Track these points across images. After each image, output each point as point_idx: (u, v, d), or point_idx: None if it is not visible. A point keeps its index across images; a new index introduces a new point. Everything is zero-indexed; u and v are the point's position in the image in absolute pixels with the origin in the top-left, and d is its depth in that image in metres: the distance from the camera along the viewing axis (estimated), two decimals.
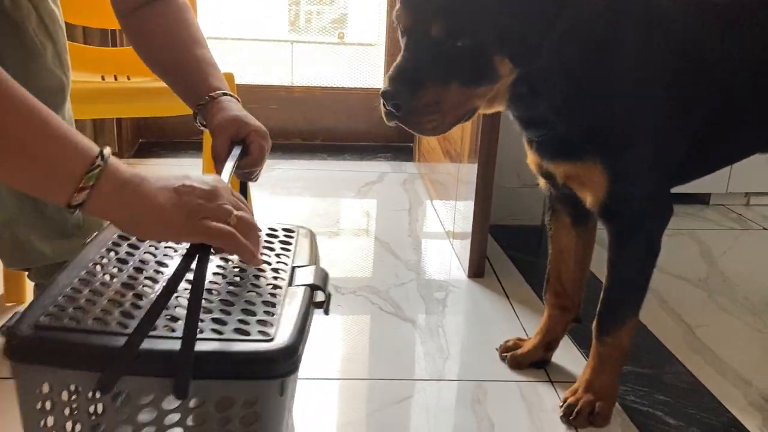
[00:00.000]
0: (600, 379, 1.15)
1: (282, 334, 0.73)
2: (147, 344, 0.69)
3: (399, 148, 2.80)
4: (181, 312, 0.73)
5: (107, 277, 0.80)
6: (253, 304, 0.78)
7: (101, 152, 0.68)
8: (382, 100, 0.93)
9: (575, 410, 1.13)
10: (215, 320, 0.74)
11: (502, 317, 1.48)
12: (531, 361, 1.28)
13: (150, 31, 1.11)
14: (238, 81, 1.77)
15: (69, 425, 0.73)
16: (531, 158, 1.15)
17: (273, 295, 0.81)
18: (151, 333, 0.70)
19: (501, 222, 1.98)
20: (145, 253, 0.87)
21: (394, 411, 1.14)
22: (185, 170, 0.75)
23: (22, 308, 0.74)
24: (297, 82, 3.03)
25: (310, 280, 0.85)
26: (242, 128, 0.97)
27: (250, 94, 2.63)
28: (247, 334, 0.72)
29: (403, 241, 1.88)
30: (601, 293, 1.13)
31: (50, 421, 0.72)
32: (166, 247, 0.89)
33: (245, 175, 0.99)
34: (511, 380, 1.25)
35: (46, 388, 0.71)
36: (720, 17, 1.09)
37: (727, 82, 1.09)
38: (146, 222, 0.70)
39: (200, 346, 0.69)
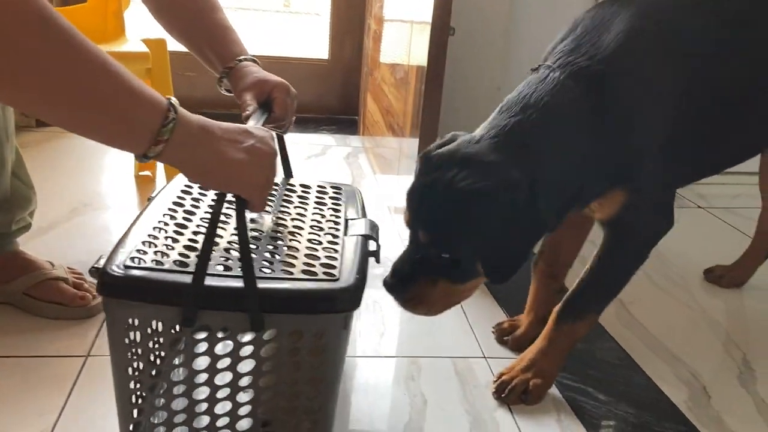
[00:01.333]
0: (543, 361, 1.15)
1: (345, 275, 0.84)
2: (222, 282, 0.80)
3: (343, 121, 2.76)
4: (265, 256, 0.87)
5: (178, 226, 0.91)
6: (316, 250, 0.90)
7: (170, 103, 0.71)
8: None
9: (508, 387, 1.13)
10: (284, 263, 0.85)
11: None
12: (532, 339, 1.23)
13: (169, 2, 1.12)
14: (177, 48, 1.70)
15: (152, 357, 0.85)
16: None
17: (332, 243, 0.93)
18: (228, 273, 0.81)
19: None
20: (209, 205, 0.99)
21: None
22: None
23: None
24: None
25: (363, 231, 0.98)
26: (264, 87, 1.02)
27: (190, 62, 2.54)
28: (315, 274, 0.83)
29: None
30: (576, 283, 1.13)
31: (137, 352, 0.83)
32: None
33: (276, 129, 1.03)
34: (445, 356, 1.24)
35: (133, 322, 0.81)
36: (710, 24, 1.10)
37: (724, 90, 1.10)
38: (216, 176, 0.78)
39: (273, 285, 0.81)
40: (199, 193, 1.03)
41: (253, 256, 0.85)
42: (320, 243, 0.93)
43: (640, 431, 1.09)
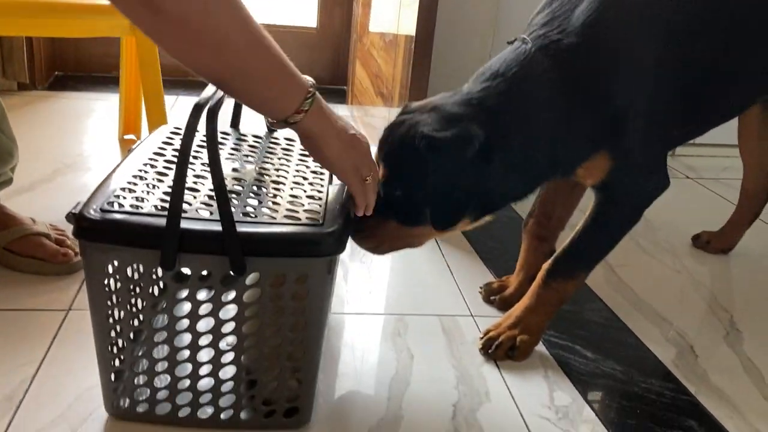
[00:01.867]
0: (530, 318, 1.14)
1: (329, 220, 0.83)
2: (201, 225, 0.79)
3: (331, 91, 2.73)
4: (247, 203, 0.86)
5: (158, 174, 0.90)
6: (299, 197, 0.89)
7: (312, 83, 0.82)
8: None
9: (495, 343, 1.12)
10: (267, 209, 0.84)
11: (427, 255, 1.46)
12: (520, 300, 1.23)
13: None
14: None
15: (133, 302, 0.85)
16: None
17: (316, 191, 0.92)
18: (209, 217, 0.80)
19: None
20: (193, 154, 0.96)
21: None
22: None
23: None
24: None
25: None
26: None
27: None
28: (298, 219, 0.82)
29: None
30: (568, 240, 1.13)
31: (116, 298, 0.82)
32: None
33: None
34: (432, 314, 1.23)
35: (111, 266, 0.80)
36: None
37: (709, 47, 1.09)
38: (327, 149, 0.85)
39: (255, 228, 0.80)
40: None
41: (235, 202, 0.84)
42: (304, 191, 0.92)
43: (627, 387, 1.08)
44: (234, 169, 0.95)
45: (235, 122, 1.11)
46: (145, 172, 0.90)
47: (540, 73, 1.01)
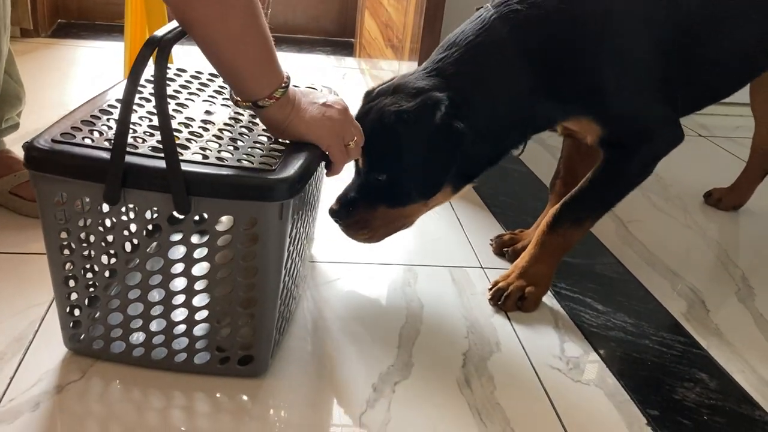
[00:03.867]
0: (535, 267, 1.13)
1: (282, 167, 0.81)
2: (144, 161, 0.77)
3: (339, 43, 2.69)
4: (206, 145, 0.84)
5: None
6: (263, 144, 0.87)
7: (288, 75, 0.84)
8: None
9: (504, 294, 1.11)
10: (222, 150, 0.83)
11: (437, 209, 1.43)
12: None
13: None
14: None
15: (84, 236, 0.83)
16: None
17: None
18: (154, 153, 0.78)
19: None
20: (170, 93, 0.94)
21: (325, 290, 1.11)
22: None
23: None
24: None
25: None
26: None
27: None
28: (251, 164, 0.80)
29: None
30: (577, 187, 1.12)
31: (67, 229, 0.82)
32: (189, 93, 0.98)
33: None
34: (442, 265, 1.22)
35: (61, 198, 0.79)
36: None
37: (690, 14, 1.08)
38: (295, 128, 0.86)
39: (205, 169, 0.78)
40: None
41: (192, 144, 0.83)
42: (270, 138, 0.89)
43: (638, 340, 1.08)
44: (207, 112, 0.93)
45: None
46: (113, 107, 0.88)
47: (494, 41, 1.02)
